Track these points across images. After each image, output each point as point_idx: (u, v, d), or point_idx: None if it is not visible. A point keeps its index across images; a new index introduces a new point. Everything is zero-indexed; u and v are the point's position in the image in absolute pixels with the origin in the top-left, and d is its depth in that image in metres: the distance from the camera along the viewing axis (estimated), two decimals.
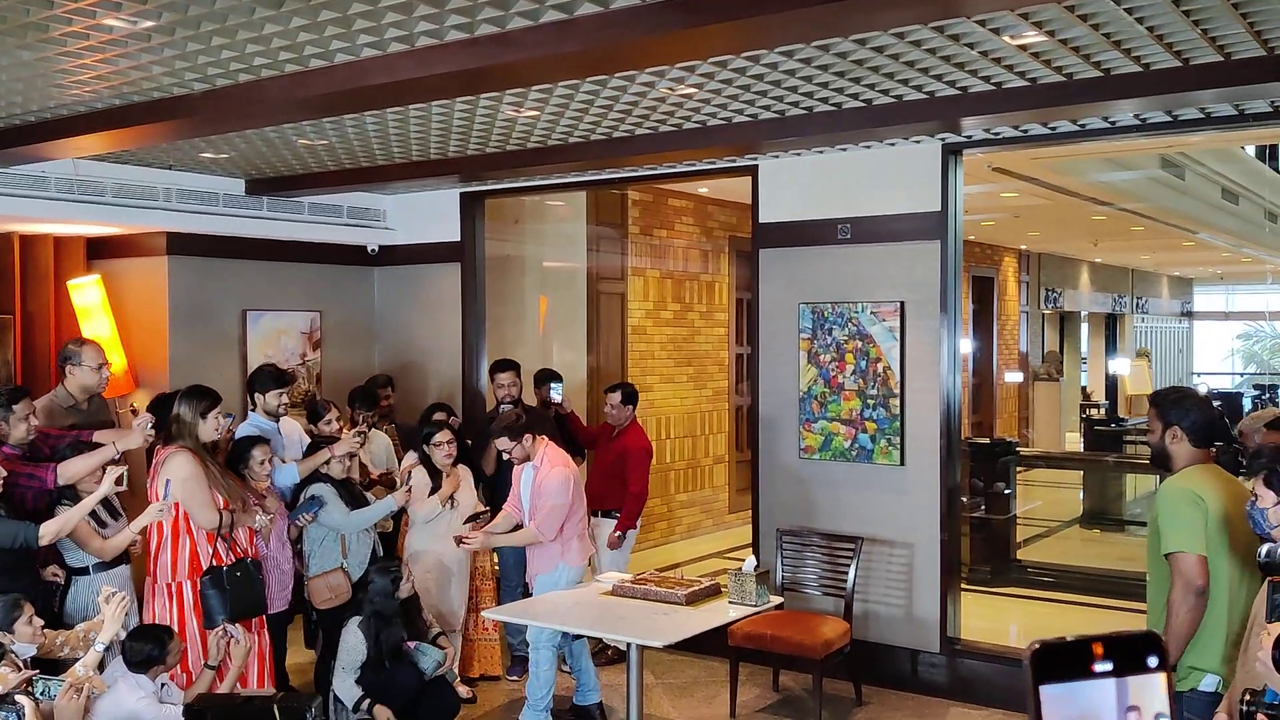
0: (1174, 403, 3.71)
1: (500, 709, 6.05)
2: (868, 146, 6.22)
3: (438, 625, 5.63)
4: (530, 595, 5.82)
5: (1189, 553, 3.50)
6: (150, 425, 5.09)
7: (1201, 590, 3.49)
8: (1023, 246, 15.32)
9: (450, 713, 5.51)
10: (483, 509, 6.05)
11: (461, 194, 8.05)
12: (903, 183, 6.24)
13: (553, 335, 9.52)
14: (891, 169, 6.27)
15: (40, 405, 5.54)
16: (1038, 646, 0.87)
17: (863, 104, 5.26)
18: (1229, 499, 3.60)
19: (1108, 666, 0.88)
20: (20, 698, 2.78)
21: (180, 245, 7.37)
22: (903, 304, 6.28)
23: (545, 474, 5.58)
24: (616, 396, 6.81)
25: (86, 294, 7.44)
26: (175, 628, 4.68)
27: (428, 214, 8.26)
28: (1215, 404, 4.12)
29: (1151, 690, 0.90)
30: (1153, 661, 0.91)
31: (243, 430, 5.83)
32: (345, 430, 6.12)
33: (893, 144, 6.14)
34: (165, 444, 5.07)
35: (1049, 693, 0.87)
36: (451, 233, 8.15)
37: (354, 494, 5.82)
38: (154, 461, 5.08)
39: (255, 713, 2.04)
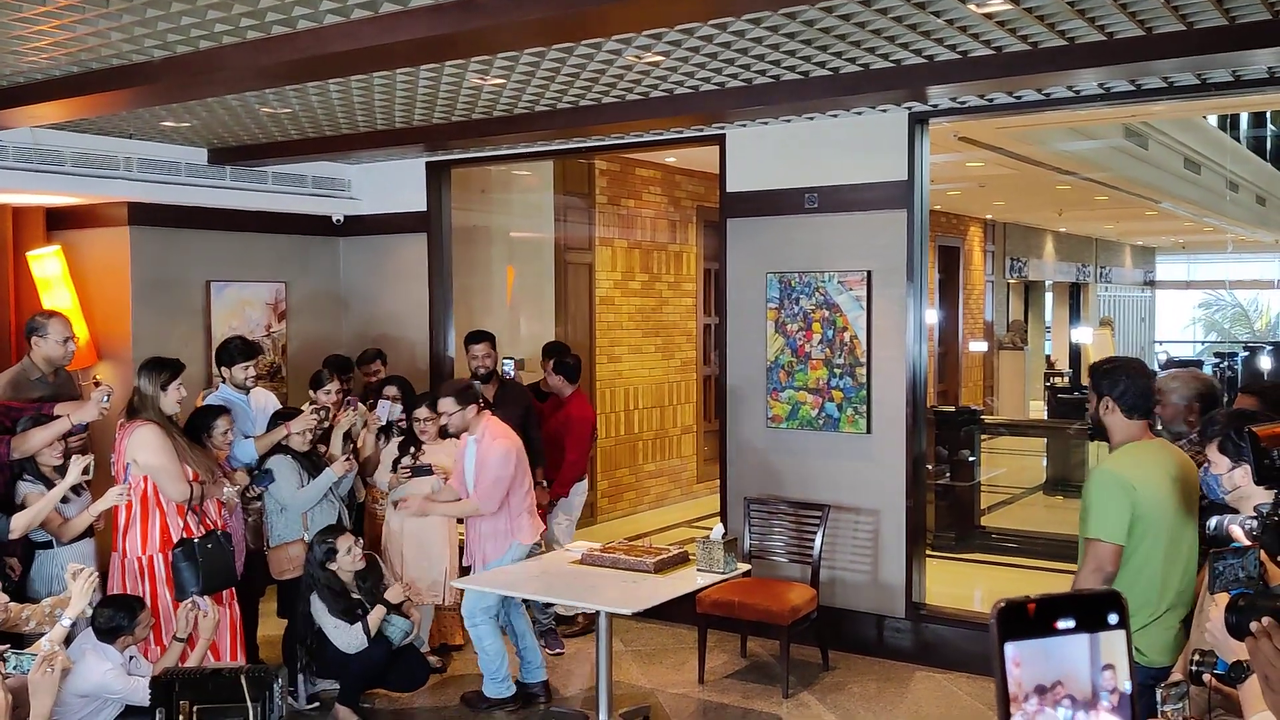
0: (1105, 373, 3.65)
1: (469, 678, 6.07)
2: (835, 115, 6.23)
3: (404, 594, 5.61)
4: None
5: (1106, 542, 3.50)
6: (106, 397, 5.05)
7: (1110, 578, 3.51)
8: (988, 216, 15.41)
9: (419, 680, 5.54)
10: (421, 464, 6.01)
11: (427, 163, 7.99)
12: (869, 152, 6.25)
13: (520, 306, 9.49)
14: (858, 138, 6.28)
15: (7, 377, 5.50)
16: (1003, 605, 0.89)
17: (830, 72, 5.26)
18: (1168, 477, 3.58)
19: (1070, 624, 0.90)
20: None
21: (142, 215, 7.28)
22: (869, 273, 6.31)
23: (487, 446, 5.47)
24: (550, 364, 6.85)
25: (46, 265, 7.33)
26: (147, 602, 4.67)
27: (393, 184, 8.19)
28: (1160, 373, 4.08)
29: (1113, 645, 0.92)
30: (1113, 619, 0.92)
31: (212, 400, 5.79)
32: (338, 400, 6.12)
33: (859, 113, 6.15)
34: (129, 418, 5.02)
35: (1021, 650, 0.88)
36: (418, 203, 8.09)
37: (318, 466, 5.79)
38: (118, 437, 5.03)
39: (222, 684, 2.06)
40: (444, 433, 5.91)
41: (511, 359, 6.90)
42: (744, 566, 5.64)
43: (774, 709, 5.64)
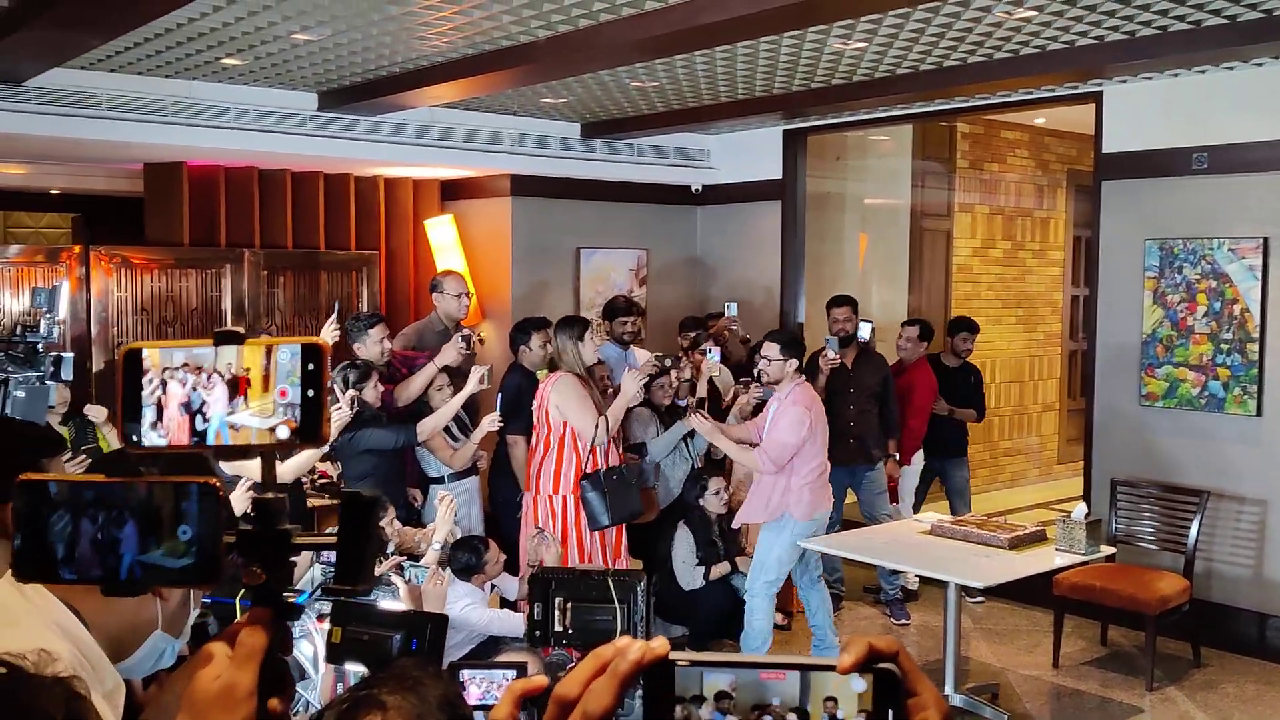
0: None
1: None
2: (1230, 67, 5.68)
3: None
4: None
5: None
6: (464, 340, 5.58)
7: None
8: None
9: None
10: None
11: (784, 132, 8.06)
12: (1271, 106, 5.66)
13: (872, 273, 9.39)
14: (1257, 91, 5.70)
15: (415, 328, 6.28)
16: None
17: (1226, 20, 4.81)
18: None
19: None
20: (394, 578, 3.19)
21: (522, 187, 7.86)
22: (1266, 240, 5.73)
23: (785, 408, 5.25)
24: (913, 331, 6.86)
25: (441, 232, 8.11)
26: (558, 536, 5.13)
27: (750, 153, 8.33)
28: None
29: None
30: None
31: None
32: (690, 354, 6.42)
33: (1260, 64, 5.57)
34: (550, 371, 5.55)
35: None
36: (773, 171, 8.19)
37: (676, 418, 6.07)
38: (541, 386, 5.53)
39: (592, 584, 2.27)
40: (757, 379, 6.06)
41: (869, 322, 6.85)
42: (1107, 550, 5.35)
43: (1136, 701, 5.32)
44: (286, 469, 4.82)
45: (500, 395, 5.71)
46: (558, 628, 2.95)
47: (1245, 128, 5.76)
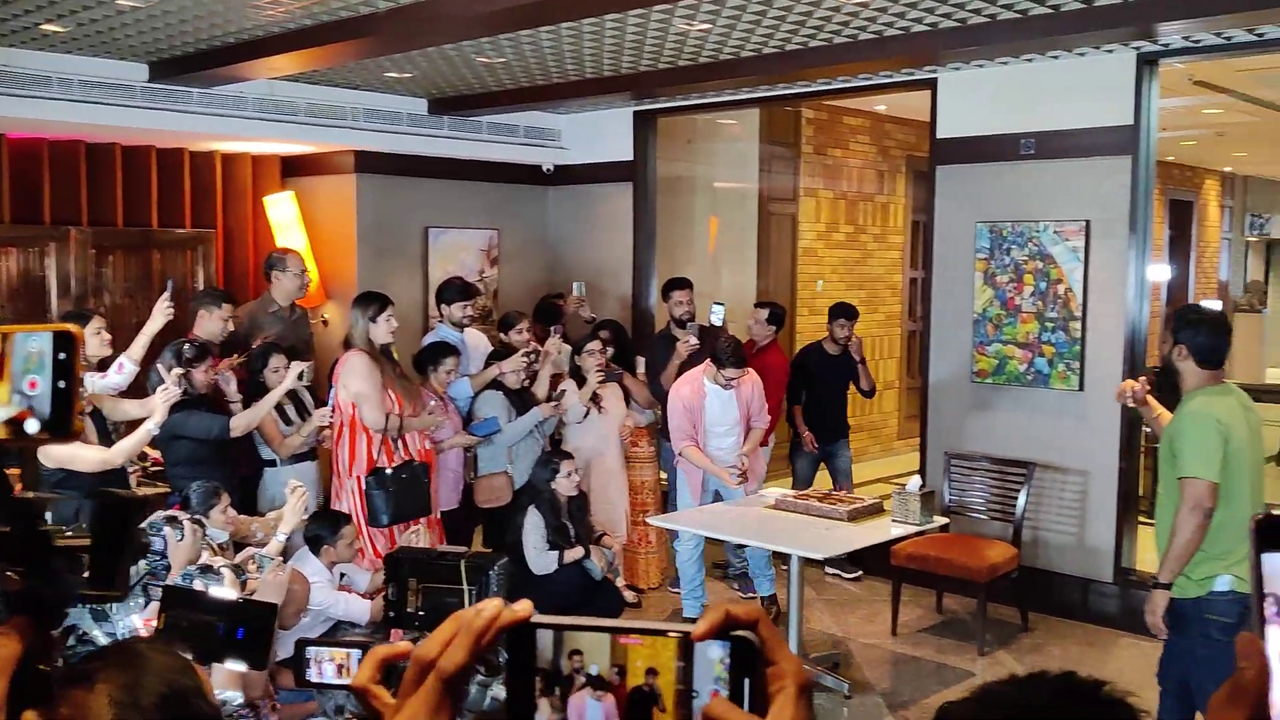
0: (1188, 322, 3.72)
1: (663, 613, 6.22)
2: (1055, 56, 5.95)
3: (602, 528, 5.82)
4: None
5: (1203, 479, 3.56)
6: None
7: (1209, 513, 3.57)
8: (1227, 168, 14.37)
9: (614, 611, 5.72)
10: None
11: (635, 113, 8.08)
12: (1092, 95, 5.94)
13: (722, 256, 9.51)
14: (1080, 80, 5.98)
15: (248, 310, 5.98)
16: (1260, 517, 0.89)
17: (1050, 10, 5.03)
18: (1244, 413, 3.70)
19: None
20: (222, 568, 3.08)
21: (367, 164, 7.67)
22: (1088, 223, 6.03)
23: (754, 380, 6.01)
24: (763, 314, 6.86)
25: (282, 210, 7.85)
26: (359, 518, 5.00)
27: (601, 134, 8.33)
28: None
29: None
30: None
31: (431, 339, 6.12)
32: (531, 341, 6.32)
33: (1082, 53, 5.85)
34: (345, 348, 5.37)
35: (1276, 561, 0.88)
36: (624, 152, 8.21)
37: (527, 405, 6.02)
38: (335, 366, 5.38)
39: (445, 567, 2.25)
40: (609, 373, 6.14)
41: (722, 304, 6.93)
42: (940, 520, 5.56)
43: (968, 665, 5.55)
44: (117, 452, 4.60)
45: (333, 385, 5.57)
46: (409, 609, 2.91)
47: (1069, 115, 6.04)
